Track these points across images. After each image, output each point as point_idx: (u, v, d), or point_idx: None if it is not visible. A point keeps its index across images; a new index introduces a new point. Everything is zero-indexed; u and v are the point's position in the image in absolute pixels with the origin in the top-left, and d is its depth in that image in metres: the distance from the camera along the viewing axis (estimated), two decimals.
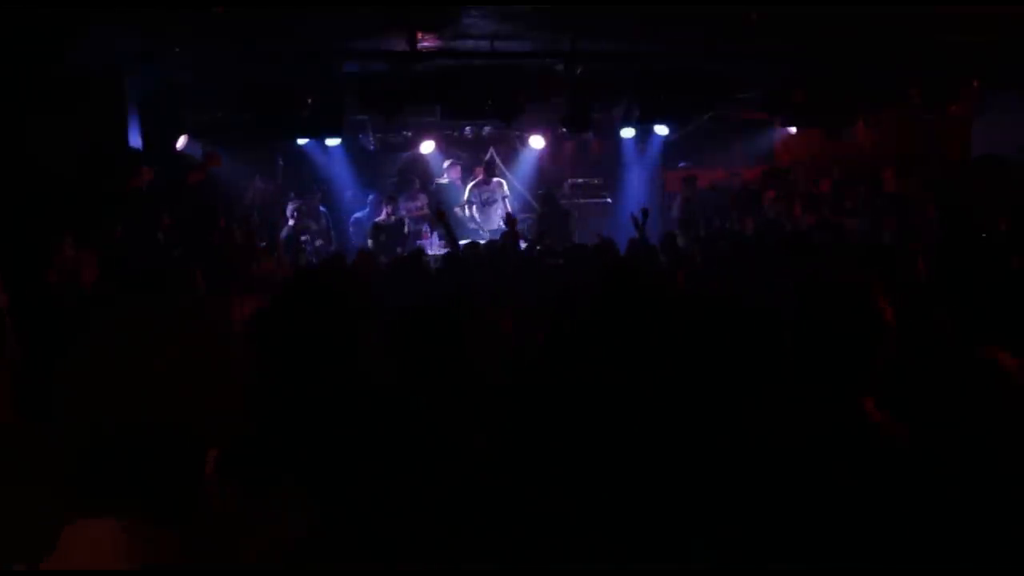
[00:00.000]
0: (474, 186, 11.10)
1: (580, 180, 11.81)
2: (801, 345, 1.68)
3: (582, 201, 11.53)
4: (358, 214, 10.99)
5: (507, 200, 10.97)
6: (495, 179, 11.08)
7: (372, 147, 11.58)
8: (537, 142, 11.54)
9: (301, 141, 9.91)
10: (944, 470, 1.51)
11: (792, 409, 1.66)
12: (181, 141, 9.21)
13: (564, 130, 9.64)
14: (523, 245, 7.92)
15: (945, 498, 1.48)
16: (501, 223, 10.71)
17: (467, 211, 11.05)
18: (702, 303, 2.29)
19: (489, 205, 10.98)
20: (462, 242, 10.49)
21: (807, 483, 1.54)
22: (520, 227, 10.23)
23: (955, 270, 3.47)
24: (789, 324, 1.73)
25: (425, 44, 7.89)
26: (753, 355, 1.93)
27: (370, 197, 11.09)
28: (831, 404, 1.62)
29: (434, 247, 10.05)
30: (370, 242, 10.08)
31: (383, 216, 10.44)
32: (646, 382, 1.89)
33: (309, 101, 8.17)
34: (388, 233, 10.19)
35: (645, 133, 10.51)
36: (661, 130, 10.17)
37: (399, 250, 9.58)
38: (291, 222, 10.42)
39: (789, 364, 1.72)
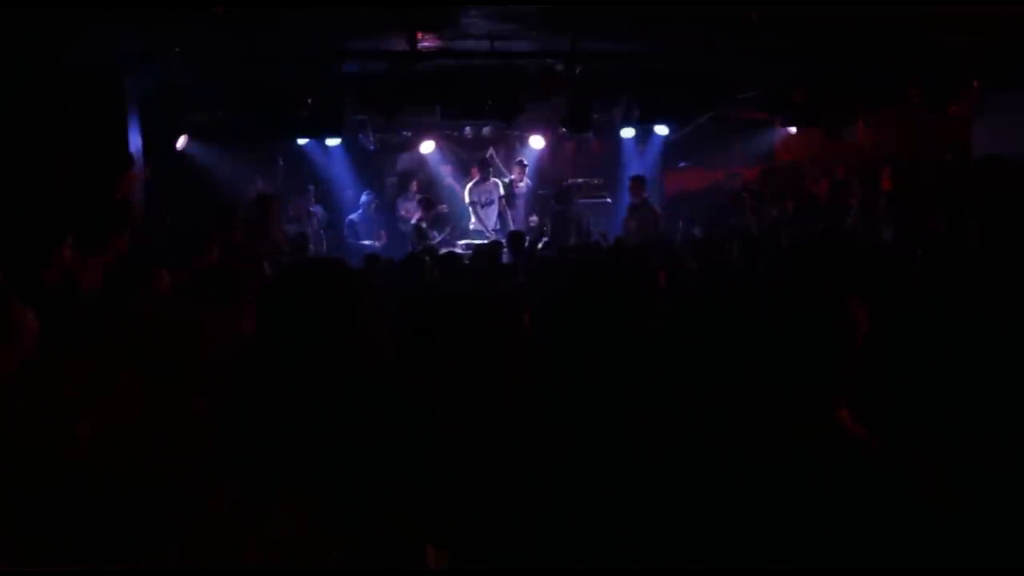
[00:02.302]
0: (473, 186, 11.11)
1: (580, 180, 11.81)
2: (768, 351, 1.67)
3: (582, 201, 11.54)
4: (352, 216, 10.98)
5: (503, 201, 10.98)
6: (492, 179, 11.09)
7: (372, 147, 11.58)
8: (537, 142, 11.55)
9: (301, 141, 9.91)
10: (922, 481, 1.50)
11: (763, 419, 1.65)
12: (181, 141, 9.22)
13: (564, 130, 9.65)
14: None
15: (921, 509, 1.47)
16: (495, 224, 10.78)
17: (471, 212, 11.07)
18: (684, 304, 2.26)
19: (487, 206, 10.99)
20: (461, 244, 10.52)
21: (782, 495, 1.53)
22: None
23: (953, 270, 3.47)
24: (758, 329, 1.71)
25: (425, 44, 7.89)
26: (726, 358, 1.92)
27: (363, 198, 11.08)
28: (803, 414, 1.60)
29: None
30: (412, 244, 10.09)
31: (418, 216, 10.42)
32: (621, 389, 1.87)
33: (309, 101, 8.17)
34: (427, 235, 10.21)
35: (645, 133, 10.51)
36: (661, 130, 10.17)
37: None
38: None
39: (758, 371, 1.70)
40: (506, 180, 11.31)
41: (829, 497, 1.50)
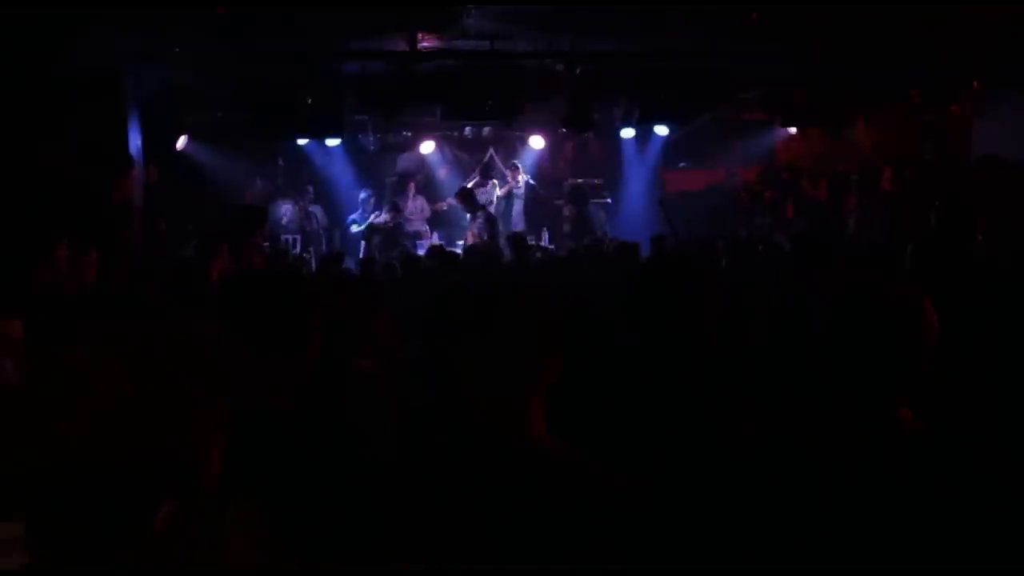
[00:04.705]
0: (473, 188, 11.11)
1: (580, 180, 11.82)
2: (838, 352, 1.65)
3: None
4: (353, 215, 11.04)
5: (498, 200, 11.01)
6: (491, 181, 11.11)
7: (372, 147, 11.59)
8: (537, 142, 11.55)
9: (301, 141, 9.92)
10: (977, 474, 1.49)
11: (824, 416, 1.63)
12: (181, 141, 9.22)
13: (564, 130, 9.65)
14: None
15: (975, 502, 1.45)
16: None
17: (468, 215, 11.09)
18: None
19: (487, 207, 11.01)
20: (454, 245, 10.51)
21: (837, 490, 1.52)
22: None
23: (949, 269, 3.47)
24: (823, 330, 1.68)
25: (425, 44, 7.90)
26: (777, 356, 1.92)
27: (361, 196, 11.11)
28: (866, 412, 1.59)
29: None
30: (363, 243, 10.08)
31: (382, 219, 10.44)
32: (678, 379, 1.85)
33: (309, 101, 8.17)
34: (383, 235, 10.19)
35: (645, 133, 10.51)
36: (661, 130, 10.17)
37: (393, 253, 9.62)
38: (284, 222, 10.50)
39: (819, 369, 1.68)
40: (508, 182, 11.32)
41: (890, 494, 1.49)
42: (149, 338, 1.03)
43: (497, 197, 10.99)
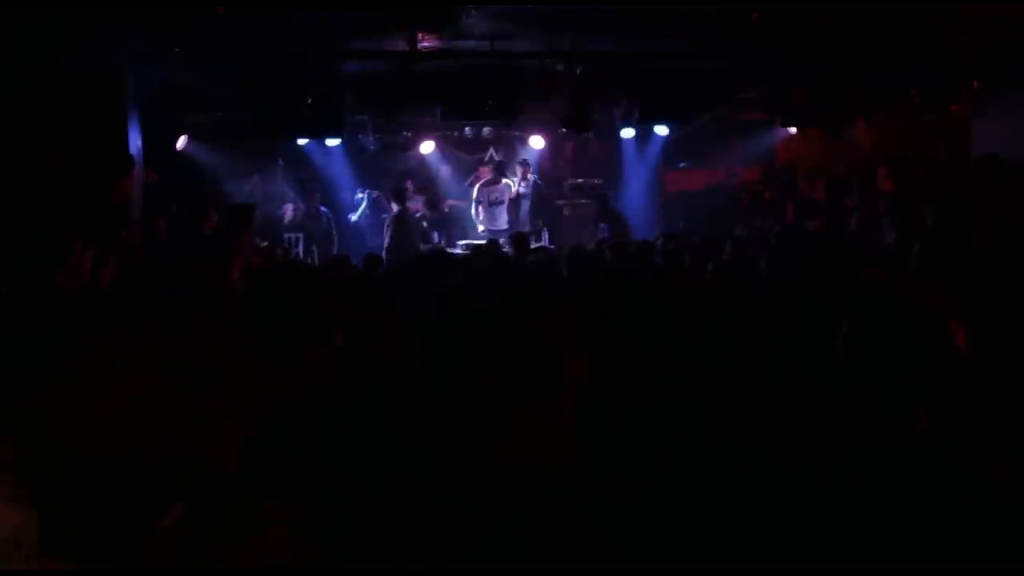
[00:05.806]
0: (483, 185, 11.13)
1: (580, 180, 11.81)
2: (855, 360, 1.62)
3: (582, 201, 11.54)
4: (351, 215, 11.10)
5: (511, 202, 11.02)
6: (504, 180, 11.12)
7: (372, 147, 11.60)
8: (537, 142, 11.55)
9: (301, 141, 9.92)
10: (979, 473, 1.48)
11: (839, 421, 1.62)
12: (181, 141, 9.22)
13: (564, 130, 9.65)
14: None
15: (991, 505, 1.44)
16: (505, 223, 10.83)
17: (473, 210, 11.10)
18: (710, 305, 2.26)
19: (496, 206, 11.02)
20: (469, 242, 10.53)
21: (851, 493, 1.51)
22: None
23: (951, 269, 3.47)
24: (842, 335, 1.64)
25: (425, 44, 7.90)
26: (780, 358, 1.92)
27: (357, 195, 11.17)
28: (883, 418, 1.57)
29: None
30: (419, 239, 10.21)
31: (421, 213, 10.51)
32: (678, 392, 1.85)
33: (309, 101, 8.17)
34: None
35: (645, 133, 10.51)
36: (661, 130, 10.17)
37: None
38: (286, 221, 10.54)
39: (834, 373, 1.66)
40: (515, 180, 11.33)
41: (897, 492, 1.48)
42: (165, 338, 1.03)
43: (508, 198, 11.01)
